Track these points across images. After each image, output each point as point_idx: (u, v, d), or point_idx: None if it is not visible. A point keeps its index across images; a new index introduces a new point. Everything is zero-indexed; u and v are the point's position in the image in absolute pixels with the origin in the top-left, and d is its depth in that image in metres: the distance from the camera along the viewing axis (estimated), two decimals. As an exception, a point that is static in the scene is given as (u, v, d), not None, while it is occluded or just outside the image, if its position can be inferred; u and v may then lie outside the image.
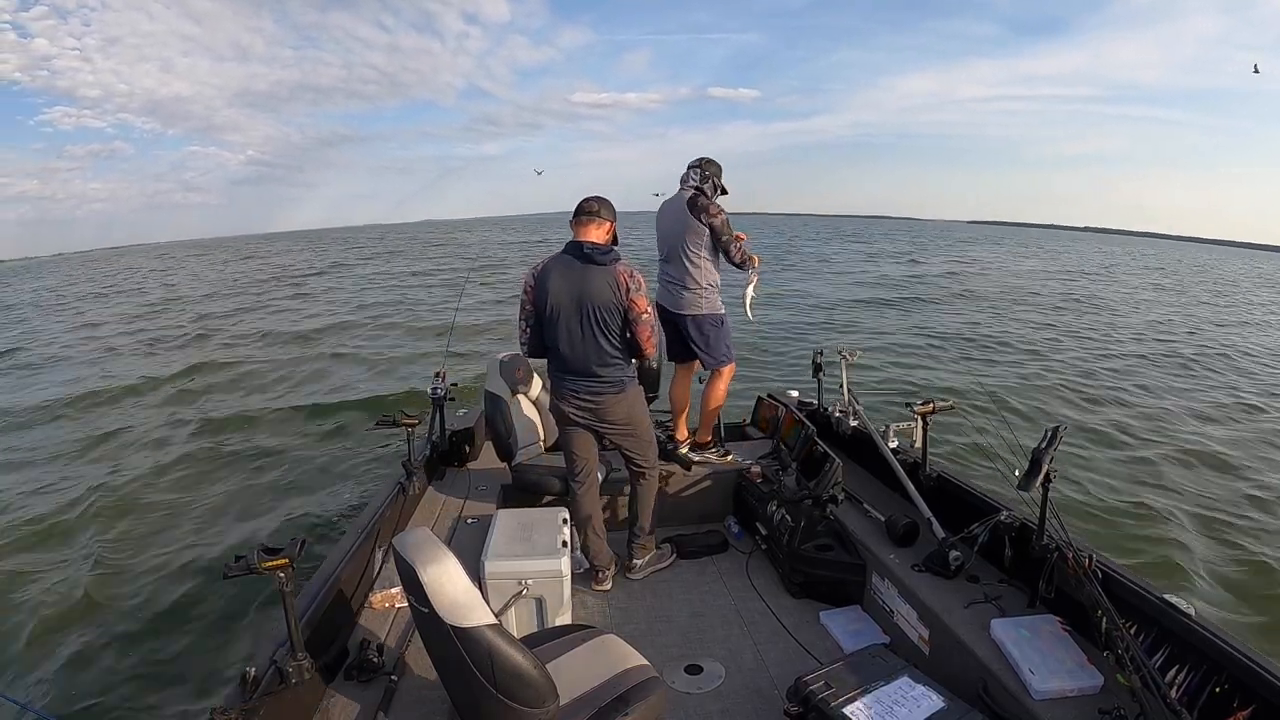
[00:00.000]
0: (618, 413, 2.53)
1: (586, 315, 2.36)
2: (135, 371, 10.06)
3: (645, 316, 2.39)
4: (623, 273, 2.34)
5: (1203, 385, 8.95)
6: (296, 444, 6.56)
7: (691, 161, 3.12)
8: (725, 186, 3.13)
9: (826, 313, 14.06)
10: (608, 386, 2.47)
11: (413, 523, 2.80)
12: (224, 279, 27.01)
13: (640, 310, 2.38)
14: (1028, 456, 1.94)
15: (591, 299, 2.34)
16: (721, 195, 3.12)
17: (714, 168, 3.09)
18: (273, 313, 16.01)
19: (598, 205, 2.43)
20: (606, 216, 2.43)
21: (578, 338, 2.40)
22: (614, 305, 2.35)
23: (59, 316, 18.86)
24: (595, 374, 2.45)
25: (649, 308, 2.42)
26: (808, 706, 1.71)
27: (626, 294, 2.34)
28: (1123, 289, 21.50)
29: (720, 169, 3.11)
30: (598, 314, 2.36)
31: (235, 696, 1.52)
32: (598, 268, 2.34)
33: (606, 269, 2.34)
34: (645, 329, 2.41)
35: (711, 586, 2.72)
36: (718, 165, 3.11)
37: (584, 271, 2.35)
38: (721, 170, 3.11)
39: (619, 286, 2.33)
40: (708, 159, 3.11)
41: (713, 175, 3.08)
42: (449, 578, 1.34)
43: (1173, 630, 1.69)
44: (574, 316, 2.37)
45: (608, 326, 2.38)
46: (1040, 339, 11.64)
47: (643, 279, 2.39)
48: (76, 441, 6.90)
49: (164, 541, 4.57)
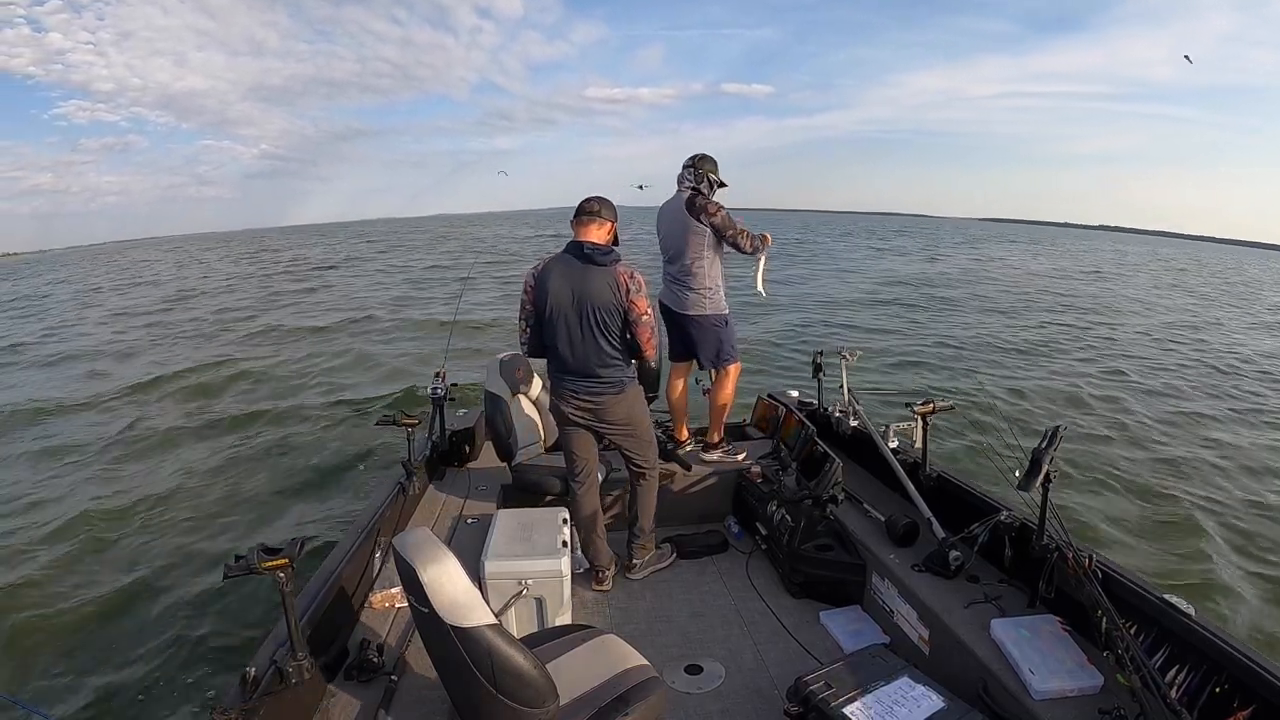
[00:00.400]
0: (617, 413, 2.53)
1: (586, 316, 2.36)
2: (139, 370, 10.03)
3: (645, 318, 2.39)
4: (623, 273, 2.34)
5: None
6: (297, 444, 6.56)
7: (685, 161, 3.10)
8: (723, 180, 3.10)
9: (849, 312, 13.79)
10: (607, 387, 2.47)
11: (413, 523, 2.80)
12: (238, 273, 26.91)
13: (640, 311, 2.38)
14: (1028, 456, 1.94)
15: (591, 299, 2.34)
16: (720, 189, 3.11)
17: (709, 164, 3.07)
18: (285, 307, 15.91)
19: (598, 205, 2.42)
20: (607, 216, 2.43)
21: (578, 338, 2.40)
22: (614, 306, 2.35)
23: (63, 311, 18.84)
24: (595, 374, 2.45)
25: (649, 309, 2.41)
26: (808, 706, 1.71)
27: (626, 295, 2.34)
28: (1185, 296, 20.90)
29: (715, 164, 3.09)
30: (597, 314, 2.36)
31: (235, 696, 1.52)
32: (598, 268, 2.34)
33: (607, 269, 2.34)
34: (645, 330, 2.41)
35: (711, 586, 2.72)
36: (712, 161, 3.08)
37: (584, 272, 2.35)
38: (716, 165, 3.09)
39: (619, 287, 2.33)
40: (702, 156, 3.08)
41: (708, 172, 3.06)
42: (449, 578, 1.34)
43: (1173, 630, 1.69)
44: (574, 317, 2.37)
45: (607, 327, 2.38)
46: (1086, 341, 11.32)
47: (643, 280, 2.39)
48: (76, 439, 6.90)
49: (163, 541, 4.56)
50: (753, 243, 3.05)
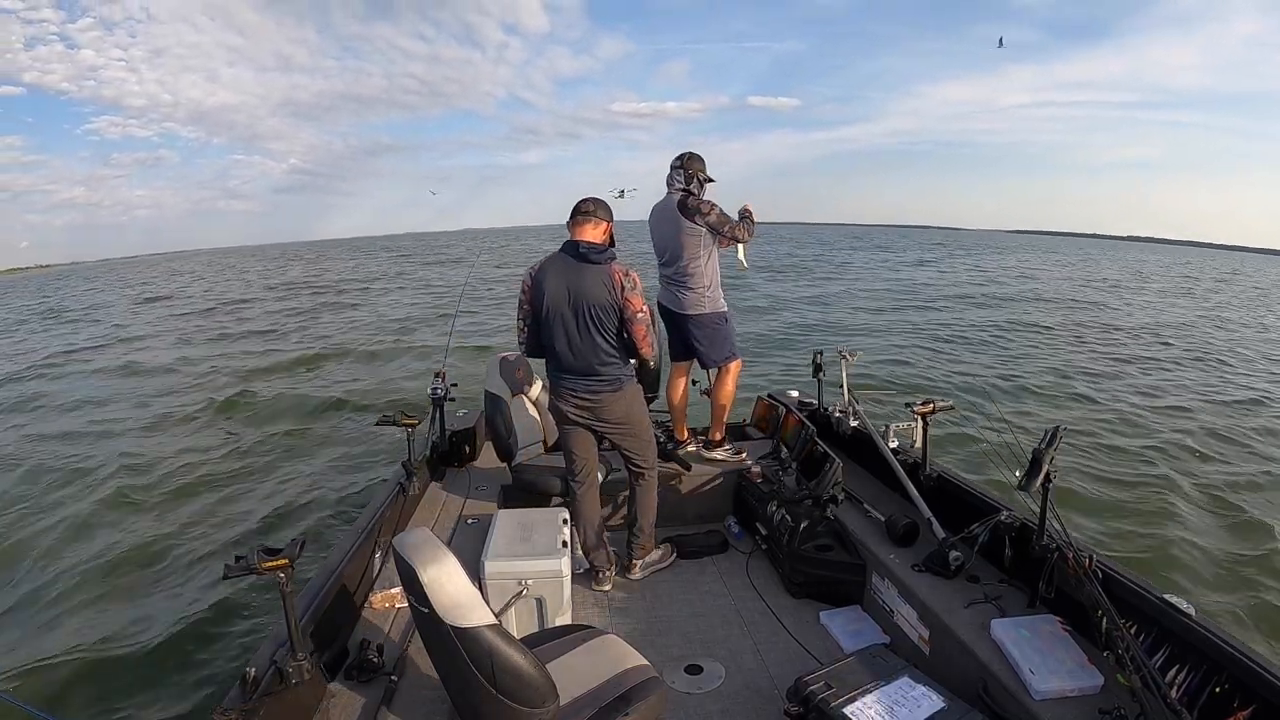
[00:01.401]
0: (615, 411, 2.54)
1: (582, 314, 2.38)
2: (160, 379, 9.98)
3: (640, 315, 2.41)
4: (617, 271, 2.36)
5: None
6: (299, 443, 6.58)
7: (673, 162, 3.11)
8: (710, 175, 3.12)
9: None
10: (605, 384, 2.48)
11: (413, 523, 2.80)
12: (277, 283, 26.86)
13: (635, 309, 2.39)
14: (1029, 456, 1.94)
15: (587, 298, 2.36)
16: (708, 184, 3.12)
17: (697, 162, 3.08)
18: (320, 320, 15.72)
19: (593, 205, 2.45)
20: (603, 216, 2.45)
21: (575, 337, 2.41)
22: (609, 304, 2.36)
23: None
24: (593, 372, 2.47)
25: (644, 307, 2.43)
26: (808, 707, 1.71)
27: (621, 292, 2.36)
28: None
29: (703, 162, 3.10)
30: (593, 313, 2.37)
31: (235, 696, 1.52)
32: (593, 267, 2.36)
33: (601, 268, 2.36)
34: (640, 328, 2.42)
35: (711, 586, 2.72)
36: (700, 159, 3.10)
37: (580, 270, 2.37)
38: (704, 162, 3.11)
39: (614, 285, 2.35)
40: (690, 155, 3.09)
41: (696, 172, 3.08)
42: (449, 578, 1.34)
43: (1173, 630, 1.69)
44: (570, 316, 2.39)
45: (603, 325, 2.39)
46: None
47: (638, 278, 2.41)
48: (87, 432, 6.91)
49: (163, 541, 4.56)
50: (749, 230, 3.08)
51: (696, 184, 3.07)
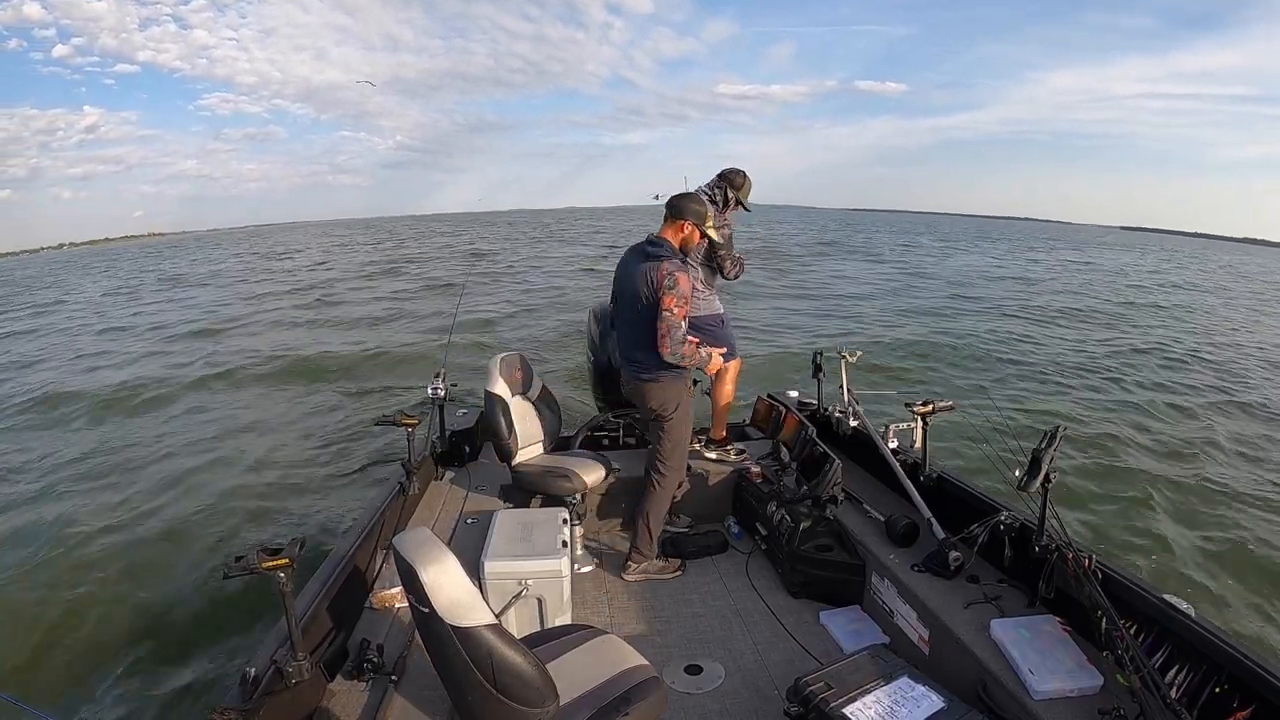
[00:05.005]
0: (650, 401, 2.67)
1: (633, 303, 2.57)
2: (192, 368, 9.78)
3: (666, 314, 2.47)
4: (664, 270, 2.48)
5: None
6: (300, 443, 6.57)
7: (722, 171, 3.23)
8: (748, 205, 3.23)
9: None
10: (641, 372, 2.64)
11: (413, 523, 2.80)
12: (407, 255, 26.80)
13: (665, 307, 2.47)
14: (1028, 456, 1.94)
15: (636, 289, 2.54)
16: (738, 209, 3.23)
17: (739, 180, 3.19)
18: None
19: (673, 204, 2.61)
20: (678, 217, 2.59)
21: (627, 323, 2.65)
22: (649, 298, 2.51)
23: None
24: (632, 359, 2.67)
25: (676, 307, 2.47)
26: (808, 707, 1.71)
27: (657, 289, 2.46)
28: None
29: (747, 187, 3.20)
30: (639, 304, 2.54)
31: (235, 696, 1.52)
32: (648, 261, 2.53)
33: (654, 264, 2.51)
34: (663, 325, 2.48)
35: (711, 586, 2.72)
36: (745, 184, 3.20)
37: (639, 263, 2.56)
38: (749, 188, 3.21)
39: (655, 282, 2.48)
40: (736, 171, 3.20)
41: (734, 192, 3.19)
42: (449, 578, 1.34)
43: (1173, 630, 1.69)
44: (625, 303, 2.63)
45: (646, 317, 2.53)
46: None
47: (682, 280, 2.47)
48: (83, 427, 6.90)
49: (163, 540, 4.56)
50: (737, 272, 3.22)
51: (722, 197, 3.19)
